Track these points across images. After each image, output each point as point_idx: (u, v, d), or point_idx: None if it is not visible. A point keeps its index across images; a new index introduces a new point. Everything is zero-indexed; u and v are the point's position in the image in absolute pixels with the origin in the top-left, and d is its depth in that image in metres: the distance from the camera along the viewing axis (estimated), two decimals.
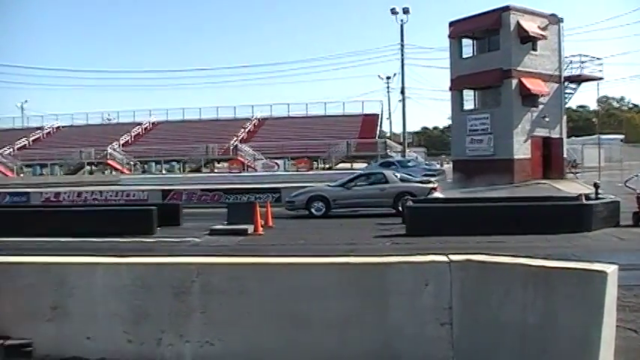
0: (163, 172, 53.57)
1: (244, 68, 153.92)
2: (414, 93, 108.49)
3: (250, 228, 16.66)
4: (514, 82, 33.20)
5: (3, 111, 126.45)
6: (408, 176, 23.35)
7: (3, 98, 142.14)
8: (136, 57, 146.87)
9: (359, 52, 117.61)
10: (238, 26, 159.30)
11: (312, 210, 20.83)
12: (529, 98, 33.81)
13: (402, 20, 44.25)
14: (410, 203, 17.39)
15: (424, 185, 21.23)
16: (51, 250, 13.10)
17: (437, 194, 20.59)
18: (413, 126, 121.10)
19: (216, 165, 56.80)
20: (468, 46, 36.38)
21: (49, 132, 64.92)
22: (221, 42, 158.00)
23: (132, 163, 55.10)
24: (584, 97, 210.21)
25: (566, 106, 37.67)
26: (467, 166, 33.97)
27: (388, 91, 63.46)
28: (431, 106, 74.77)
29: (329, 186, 22.23)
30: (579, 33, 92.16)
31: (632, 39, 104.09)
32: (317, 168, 50.18)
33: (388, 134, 64.51)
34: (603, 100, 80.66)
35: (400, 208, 19.77)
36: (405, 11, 43.83)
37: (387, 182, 21.05)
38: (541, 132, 34.25)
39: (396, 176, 21.97)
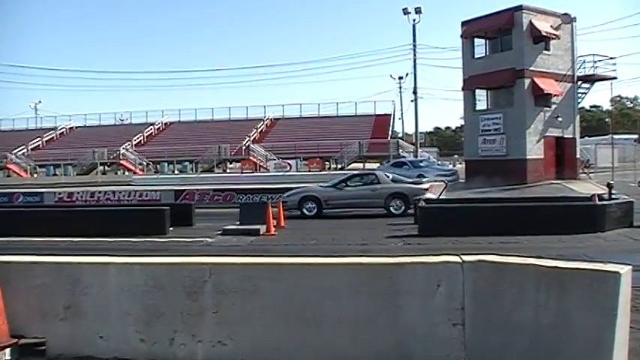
0: (176, 172, 53.63)
1: (256, 68, 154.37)
2: (427, 93, 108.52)
3: (262, 228, 16.68)
4: (527, 82, 33.03)
5: (17, 111, 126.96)
6: (400, 177, 23.52)
7: (17, 99, 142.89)
8: (149, 57, 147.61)
9: (371, 52, 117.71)
10: (250, 27, 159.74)
11: (304, 210, 20.95)
12: (542, 98, 33.63)
13: (414, 20, 44.21)
14: (422, 204, 17.34)
15: (416, 186, 21.26)
16: (64, 249, 13.20)
17: (429, 195, 20.63)
18: (425, 126, 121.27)
19: (229, 165, 56.78)
20: (480, 46, 36.23)
21: (63, 132, 65.14)
22: (232, 42, 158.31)
23: (144, 163, 55.20)
24: (598, 97, 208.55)
25: (580, 106, 37.41)
26: (479, 167, 33.81)
27: (400, 91, 63.46)
28: (443, 106, 74.58)
29: (321, 186, 22.34)
30: (592, 32, 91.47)
31: None
32: (329, 168, 50.08)
33: (400, 134, 64.38)
34: (617, 100, 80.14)
35: (391, 209, 20.42)
36: (417, 11, 43.75)
37: (378, 183, 21.19)
38: (554, 132, 34.05)
39: (388, 177, 22.12)
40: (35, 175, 55.55)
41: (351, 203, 21.02)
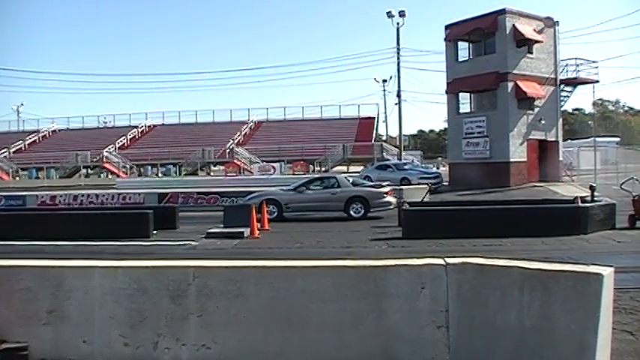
0: (159, 175, 53.52)
1: (241, 71, 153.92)
2: (411, 96, 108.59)
3: (247, 231, 16.64)
4: (510, 85, 33.20)
5: None
6: (362, 181, 24.04)
7: None
8: (133, 60, 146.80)
9: (355, 55, 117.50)
10: (234, 29, 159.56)
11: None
12: (525, 101, 33.82)
13: (398, 23, 44.19)
14: (406, 206, 17.38)
15: (376, 190, 21.37)
16: (47, 253, 13.08)
17: (389, 199, 20.87)
18: (409, 129, 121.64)
19: (213, 168, 56.79)
20: (464, 49, 36.33)
21: (45, 135, 64.83)
22: (217, 45, 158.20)
23: (128, 166, 54.98)
24: (580, 100, 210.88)
25: (562, 109, 37.65)
26: (463, 169, 33.97)
27: (384, 94, 63.63)
28: (427, 109, 75.16)
29: (282, 190, 22.28)
30: (575, 36, 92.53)
31: (628, 42, 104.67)
32: (313, 171, 50.03)
33: (384, 137, 64.58)
34: (599, 103, 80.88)
35: (351, 212, 20.51)
36: (401, 14, 43.73)
37: (339, 186, 21.18)
38: (537, 135, 34.25)
39: (348, 180, 22.27)
40: (17, 179, 55.16)
41: (310, 207, 21.00)
